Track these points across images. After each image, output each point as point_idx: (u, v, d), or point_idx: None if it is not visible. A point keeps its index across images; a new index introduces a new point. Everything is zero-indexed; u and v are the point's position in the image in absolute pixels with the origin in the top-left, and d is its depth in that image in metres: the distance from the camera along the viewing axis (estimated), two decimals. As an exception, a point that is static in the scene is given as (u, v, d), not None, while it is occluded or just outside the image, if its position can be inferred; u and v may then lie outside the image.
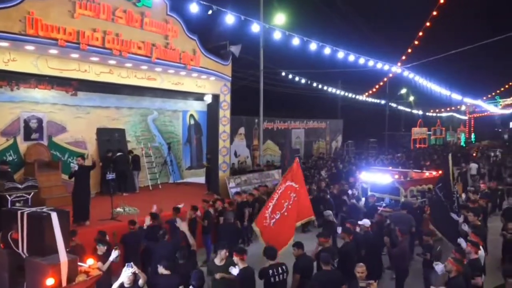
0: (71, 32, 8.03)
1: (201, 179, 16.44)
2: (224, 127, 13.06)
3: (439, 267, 5.65)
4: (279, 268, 5.65)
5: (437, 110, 44.00)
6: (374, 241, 7.60)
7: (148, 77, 10.52)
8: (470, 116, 52.70)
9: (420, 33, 17.37)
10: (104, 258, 6.01)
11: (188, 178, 16.33)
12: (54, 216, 3.78)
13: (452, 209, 8.37)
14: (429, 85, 23.98)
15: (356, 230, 7.59)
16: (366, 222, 7.81)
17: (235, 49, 13.04)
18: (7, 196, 7.58)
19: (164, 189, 13.99)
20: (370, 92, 27.32)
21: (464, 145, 41.15)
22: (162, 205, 10.95)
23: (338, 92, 25.66)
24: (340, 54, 15.36)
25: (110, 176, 9.59)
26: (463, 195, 11.83)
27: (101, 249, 6.29)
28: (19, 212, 3.87)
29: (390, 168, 14.63)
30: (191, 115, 16.68)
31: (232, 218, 9.28)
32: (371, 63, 16.12)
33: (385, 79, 25.10)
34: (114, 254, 5.87)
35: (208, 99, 16.62)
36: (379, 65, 16.62)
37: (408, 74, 19.84)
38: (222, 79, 12.59)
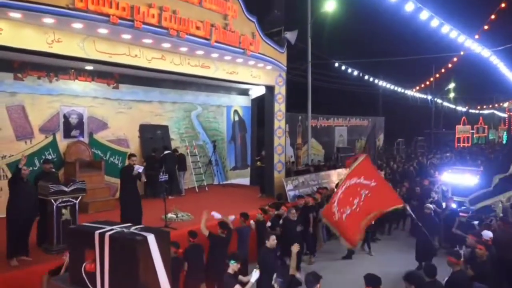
0: (124, 7, 6.79)
1: (246, 181, 15.21)
2: (280, 122, 11.70)
3: None
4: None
5: (478, 107, 41.56)
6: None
7: (202, 65, 9.25)
8: (510, 113, 49.76)
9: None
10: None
11: (233, 179, 15.03)
12: (152, 240, 2.47)
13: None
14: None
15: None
16: (487, 234, 6.28)
17: (291, 36, 11.68)
18: (53, 201, 6.40)
19: (211, 191, 12.72)
20: (422, 85, 25.46)
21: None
22: (215, 210, 9.72)
23: (388, 86, 23.89)
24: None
25: (163, 177, 8.35)
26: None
27: None
28: (97, 233, 2.57)
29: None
30: (235, 111, 15.38)
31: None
32: (445, 29, 14.37)
33: (442, 69, 23.15)
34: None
35: (254, 93, 15.49)
36: (454, 34, 14.85)
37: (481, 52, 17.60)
38: (278, 68, 11.23)
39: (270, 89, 11.49)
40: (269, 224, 8.25)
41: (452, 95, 38.64)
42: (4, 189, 7.65)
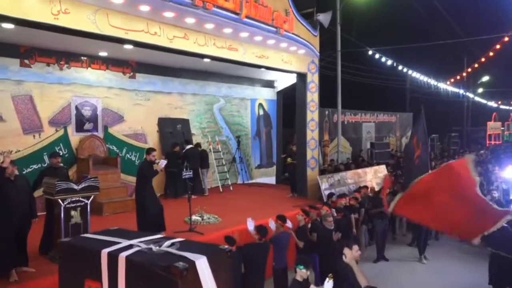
0: (142, -31, 5.75)
1: (271, 180, 14.09)
2: (312, 114, 10.52)
3: None
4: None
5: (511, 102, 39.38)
6: None
7: (229, 47, 8.15)
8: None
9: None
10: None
11: (258, 178, 13.91)
12: (203, 266, 1.35)
13: None
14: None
15: None
16: None
17: (324, 18, 10.50)
18: (60, 201, 5.38)
19: (236, 191, 11.61)
20: (458, 77, 23.89)
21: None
22: (245, 212, 8.61)
23: (421, 77, 22.41)
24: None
25: (187, 174, 7.27)
26: None
27: None
28: (104, 252, 1.46)
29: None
30: (260, 104, 14.24)
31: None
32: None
33: (482, 59, 21.54)
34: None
35: (279, 85, 14.34)
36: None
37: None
38: (311, 53, 10.08)
39: (302, 76, 10.33)
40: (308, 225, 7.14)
41: (481, 90, 36.75)
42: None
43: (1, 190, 5.03)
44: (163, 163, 6.64)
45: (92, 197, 5.74)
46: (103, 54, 9.24)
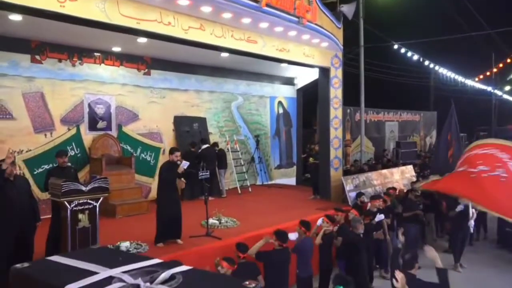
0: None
1: (291, 181, 13.53)
2: (336, 111, 9.93)
3: None
4: None
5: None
6: None
7: (247, 39, 7.65)
8: None
9: None
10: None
11: (277, 179, 13.37)
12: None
13: None
14: None
15: None
16: None
17: (348, 10, 9.90)
18: (66, 203, 4.97)
19: (255, 192, 11.10)
20: (488, 73, 22.83)
21: None
22: (264, 215, 8.11)
23: (448, 73, 21.49)
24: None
25: (204, 174, 6.79)
26: None
27: None
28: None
29: None
30: (280, 102, 13.70)
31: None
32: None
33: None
34: None
35: (299, 82, 13.79)
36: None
37: None
38: (335, 47, 9.49)
39: (324, 71, 9.75)
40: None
41: (508, 87, 35.28)
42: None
43: (1, 190, 4.67)
44: (185, 164, 6.18)
45: (101, 199, 5.29)
46: (116, 49, 8.87)
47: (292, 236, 5.83)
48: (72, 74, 8.51)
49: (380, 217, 7.43)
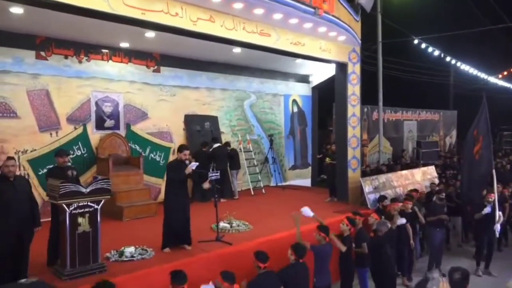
0: None
1: (306, 182, 13.06)
2: (354, 109, 9.42)
3: None
4: None
5: None
6: None
7: (260, 31, 7.21)
8: None
9: None
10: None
11: (292, 180, 12.91)
12: None
13: None
14: None
15: None
16: None
17: (366, 2, 9.40)
18: (65, 206, 4.61)
19: (269, 194, 10.65)
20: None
21: None
22: (278, 218, 7.66)
23: (471, 70, 20.69)
24: None
25: (214, 174, 6.37)
26: None
27: None
28: None
29: None
30: (294, 101, 13.24)
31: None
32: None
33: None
34: None
35: (315, 80, 13.31)
36: None
37: None
38: (352, 41, 9.00)
39: (342, 67, 9.25)
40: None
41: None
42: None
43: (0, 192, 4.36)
44: (193, 165, 5.78)
45: (103, 202, 4.92)
46: (124, 45, 8.54)
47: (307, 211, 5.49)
48: (79, 71, 8.22)
49: (401, 220, 6.94)
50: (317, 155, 13.04)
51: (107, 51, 8.58)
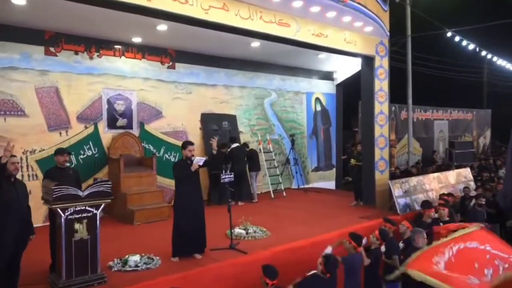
0: None
1: (330, 184, 12.39)
2: (381, 106, 8.72)
3: None
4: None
5: None
6: None
7: (279, 21, 6.65)
8: None
9: None
10: None
11: (315, 183, 12.27)
12: None
13: None
14: None
15: None
16: None
17: (395, -10, 8.68)
18: (60, 211, 4.19)
19: (290, 197, 10.06)
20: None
21: None
22: (299, 224, 7.08)
23: (507, 66, 19.49)
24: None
25: (227, 177, 5.85)
26: None
27: None
28: None
29: None
30: (317, 99, 12.59)
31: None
32: None
33: None
34: None
35: (339, 77, 12.63)
36: None
37: None
38: (380, 32, 8.32)
39: (368, 61, 8.58)
40: (383, 248, 5.45)
41: None
42: (33, 192, 5.66)
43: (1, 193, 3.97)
44: (199, 160, 5.25)
45: (102, 206, 4.47)
46: (137, 40, 8.15)
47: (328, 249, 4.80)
48: (90, 68, 7.87)
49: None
50: (342, 155, 12.37)
51: (119, 46, 8.21)
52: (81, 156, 7.74)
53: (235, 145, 9.11)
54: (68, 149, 5.10)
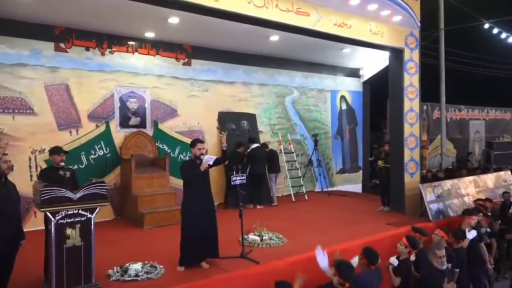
0: None
1: (357, 187, 11.72)
2: (411, 103, 8.02)
3: None
4: None
5: None
6: None
7: (297, 10, 6.13)
8: None
9: None
10: None
11: (339, 186, 11.62)
12: None
13: None
14: None
15: None
16: None
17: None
18: (49, 215, 3.83)
19: (313, 201, 9.47)
20: None
21: None
22: (320, 231, 6.51)
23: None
24: None
25: (238, 179, 5.37)
26: None
27: None
28: None
29: None
30: (342, 97, 11.95)
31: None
32: None
33: None
34: None
35: (366, 73, 11.95)
36: None
37: None
38: (410, 22, 7.65)
39: (397, 53, 7.92)
40: (413, 257, 4.84)
41: None
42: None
43: None
44: (209, 159, 4.77)
45: (98, 210, 4.08)
46: (149, 35, 7.83)
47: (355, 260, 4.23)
48: (101, 64, 7.60)
49: (472, 233, 5.56)
50: (369, 157, 11.69)
51: (132, 42, 7.91)
52: (92, 156, 7.46)
53: (254, 145, 8.65)
54: (63, 149, 4.73)
